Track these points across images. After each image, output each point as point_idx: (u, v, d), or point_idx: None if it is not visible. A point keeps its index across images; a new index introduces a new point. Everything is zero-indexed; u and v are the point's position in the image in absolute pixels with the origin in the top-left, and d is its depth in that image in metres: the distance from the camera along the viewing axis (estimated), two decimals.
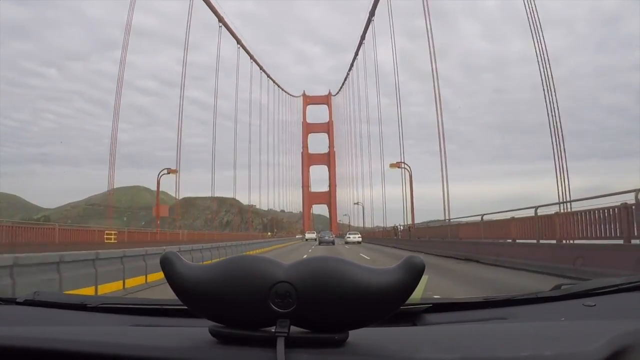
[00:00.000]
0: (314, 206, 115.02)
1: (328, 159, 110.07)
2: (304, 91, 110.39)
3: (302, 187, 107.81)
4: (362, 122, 70.44)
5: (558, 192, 23.35)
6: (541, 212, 11.05)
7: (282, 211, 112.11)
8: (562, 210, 11.24)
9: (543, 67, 24.92)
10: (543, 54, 25.07)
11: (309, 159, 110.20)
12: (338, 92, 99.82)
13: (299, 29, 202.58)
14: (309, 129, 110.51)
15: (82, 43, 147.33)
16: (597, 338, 0.69)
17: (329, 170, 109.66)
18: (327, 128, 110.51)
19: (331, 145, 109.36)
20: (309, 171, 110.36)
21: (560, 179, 23.82)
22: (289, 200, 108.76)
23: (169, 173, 32.46)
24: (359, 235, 42.96)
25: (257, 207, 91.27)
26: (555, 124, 24.45)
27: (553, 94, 24.66)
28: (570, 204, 11.80)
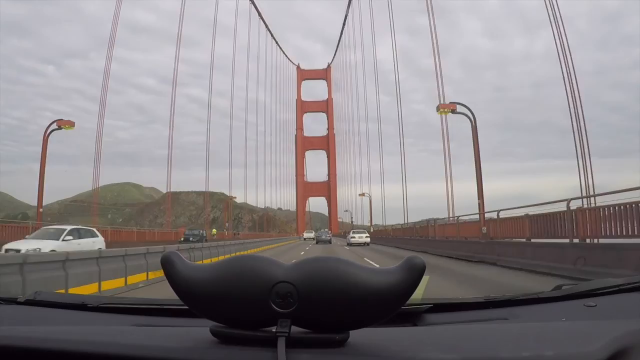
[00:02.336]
0: (311, 200, 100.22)
1: (327, 143, 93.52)
2: (298, 64, 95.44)
3: (296, 175, 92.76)
4: (365, 104, 64.20)
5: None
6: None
7: (279, 209, 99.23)
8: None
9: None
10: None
11: (304, 143, 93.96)
12: (333, 59, 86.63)
13: (299, 26, 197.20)
14: (304, 108, 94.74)
15: (81, 40, 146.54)
16: (598, 338, 0.69)
17: (328, 157, 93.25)
18: (325, 107, 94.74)
19: (330, 126, 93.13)
20: (304, 157, 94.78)
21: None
22: (286, 198, 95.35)
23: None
24: (367, 235, 32.61)
25: (252, 204, 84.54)
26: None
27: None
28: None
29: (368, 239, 31.49)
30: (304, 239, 52.29)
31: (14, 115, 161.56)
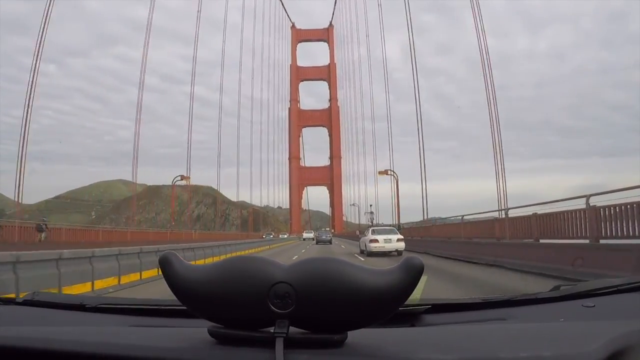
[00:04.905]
0: (310, 195, 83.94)
1: (329, 118, 77.23)
2: (292, 24, 79.40)
3: (289, 158, 76.26)
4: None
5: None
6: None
7: (279, 207, 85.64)
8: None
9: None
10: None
11: (300, 118, 77.79)
12: (333, 16, 71.27)
13: (301, 22, 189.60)
14: (300, 75, 78.42)
15: (82, 39, 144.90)
16: (596, 339, 0.70)
17: (331, 135, 76.91)
18: (326, 73, 78.34)
19: (333, 97, 76.87)
20: (299, 135, 78.26)
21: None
22: (287, 197, 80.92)
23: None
24: (399, 237, 17.44)
25: (254, 203, 75.46)
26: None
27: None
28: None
29: (402, 245, 16.88)
30: (304, 239, 50.14)
31: (14, 114, 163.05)
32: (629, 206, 7.47)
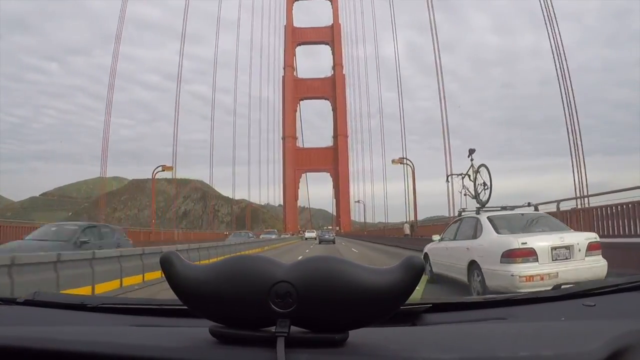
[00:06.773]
0: (310, 188, 72.15)
1: (332, 88, 65.72)
2: None
3: (283, 137, 64.41)
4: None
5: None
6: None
7: (280, 206, 77.65)
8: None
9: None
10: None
11: (296, 88, 65.82)
12: None
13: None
14: (296, 37, 66.73)
15: (84, 37, 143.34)
16: (597, 338, 0.70)
17: (335, 109, 65.15)
18: (329, 35, 66.59)
19: (337, 62, 65.09)
20: (296, 110, 66.17)
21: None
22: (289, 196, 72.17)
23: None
24: (592, 238, 5.01)
25: (254, 201, 69.90)
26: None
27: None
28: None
29: (603, 265, 4.96)
30: (305, 238, 49.76)
31: (16, 113, 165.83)
32: None
